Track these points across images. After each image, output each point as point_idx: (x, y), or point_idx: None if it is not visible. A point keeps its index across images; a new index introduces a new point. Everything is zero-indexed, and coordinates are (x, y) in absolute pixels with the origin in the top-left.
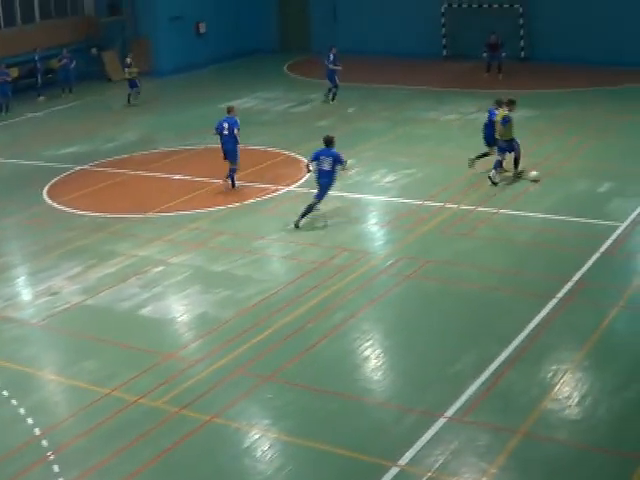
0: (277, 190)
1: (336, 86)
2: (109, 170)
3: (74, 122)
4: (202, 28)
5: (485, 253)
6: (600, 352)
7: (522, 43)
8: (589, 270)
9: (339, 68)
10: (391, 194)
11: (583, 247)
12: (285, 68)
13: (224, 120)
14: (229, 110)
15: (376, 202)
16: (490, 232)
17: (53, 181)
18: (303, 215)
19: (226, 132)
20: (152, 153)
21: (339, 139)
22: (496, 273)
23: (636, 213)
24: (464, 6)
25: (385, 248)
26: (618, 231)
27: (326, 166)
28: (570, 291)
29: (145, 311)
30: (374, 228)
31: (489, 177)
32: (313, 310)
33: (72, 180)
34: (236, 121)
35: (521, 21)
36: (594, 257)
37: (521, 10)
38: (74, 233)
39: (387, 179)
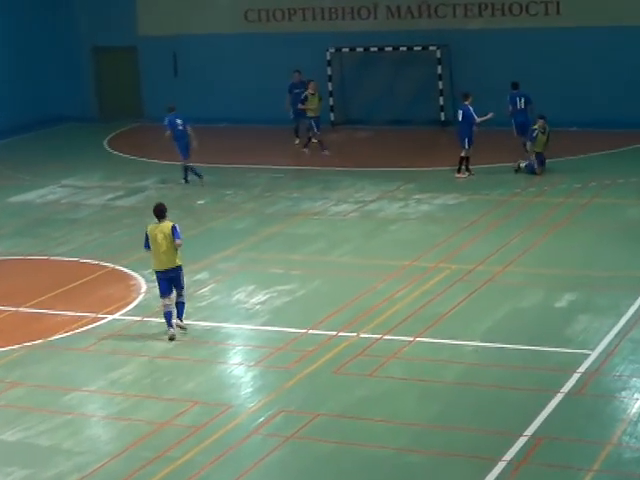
0: (97, 320)
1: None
2: None
3: None
4: None
5: (397, 400)
6: None
7: (441, 100)
8: (549, 419)
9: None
10: (261, 320)
11: (538, 387)
12: (106, 143)
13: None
14: (170, 109)
15: (240, 332)
16: (404, 370)
17: None
18: None
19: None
20: None
21: (185, 243)
22: (414, 428)
23: (611, 336)
24: (359, 50)
25: (255, 398)
26: (587, 362)
27: None
28: (523, 451)
29: None
30: (238, 369)
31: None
32: None
33: None
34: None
35: (439, 69)
36: (555, 400)
37: (439, 54)
38: None
39: (255, 299)
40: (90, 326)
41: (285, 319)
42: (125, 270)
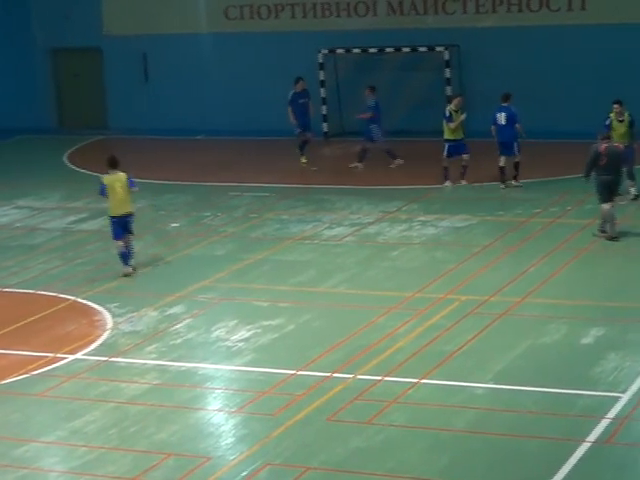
0: (55, 360)
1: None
2: None
3: None
4: None
5: (400, 451)
6: None
7: None
8: (573, 472)
9: None
10: (244, 360)
11: (561, 435)
12: (66, 158)
13: None
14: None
15: (220, 374)
16: (407, 416)
17: None
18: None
19: None
20: None
21: (155, 275)
22: None
23: None
24: (355, 51)
25: (237, 449)
26: (617, 407)
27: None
28: None
29: None
30: (218, 416)
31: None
32: None
33: None
34: None
35: (448, 73)
36: (580, 450)
37: (447, 55)
38: None
39: (237, 335)
40: (48, 367)
41: (271, 359)
42: (88, 303)
